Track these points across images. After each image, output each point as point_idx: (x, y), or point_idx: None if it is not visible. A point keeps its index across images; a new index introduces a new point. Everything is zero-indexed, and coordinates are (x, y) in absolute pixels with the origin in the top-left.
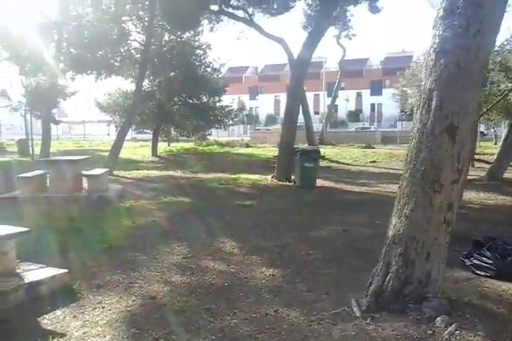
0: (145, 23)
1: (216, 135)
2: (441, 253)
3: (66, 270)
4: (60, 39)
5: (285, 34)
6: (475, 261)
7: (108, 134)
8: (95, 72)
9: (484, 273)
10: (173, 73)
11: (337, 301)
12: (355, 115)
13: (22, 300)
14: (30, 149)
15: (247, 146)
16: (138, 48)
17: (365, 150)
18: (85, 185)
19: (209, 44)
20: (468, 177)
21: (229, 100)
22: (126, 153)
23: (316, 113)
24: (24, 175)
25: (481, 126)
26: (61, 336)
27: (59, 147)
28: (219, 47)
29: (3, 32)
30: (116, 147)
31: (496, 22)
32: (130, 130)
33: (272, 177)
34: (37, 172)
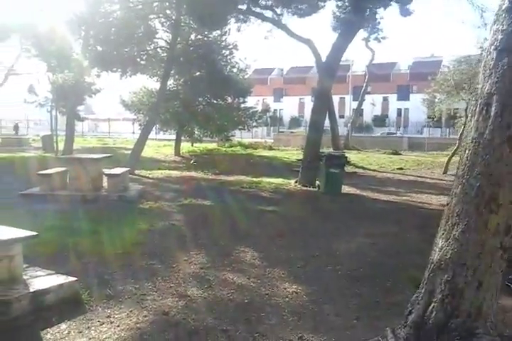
0: (172, 22)
1: (239, 136)
2: (495, 282)
3: (75, 278)
4: (87, 36)
5: (312, 35)
6: None
7: (133, 132)
8: (120, 70)
9: None
10: (198, 73)
11: (369, 329)
12: (380, 120)
13: (26, 310)
14: (54, 145)
15: (271, 149)
16: (164, 47)
17: (391, 156)
18: (105, 184)
19: (235, 44)
20: None
21: (253, 101)
22: (149, 152)
23: (341, 117)
24: (44, 172)
25: None
26: None
27: (83, 143)
28: (245, 47)
29: (31, 28)
30: (138, 146)
31: None
32: (154, 129)
33: (296, 182)
34: (57, 169)
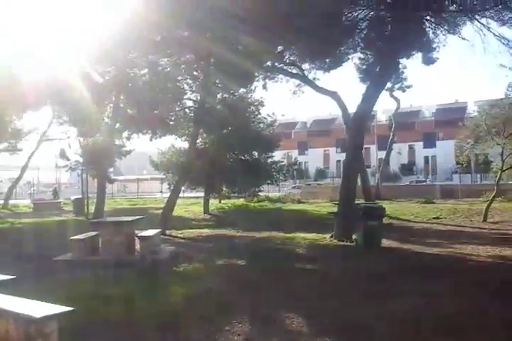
0: (199, 82)
1: (266, 190)
2: None
3: None
4: (117, 100)
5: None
6: None
7: (161, 191)
8: (150, 132)
9: None
10: (226, 130)
11: None
12: (408, 168)
13: None
14: (85, 208)
15: (299, 202)
16: (192, 107)
17: (425, 205)
18: (138, 246)
19: (262, 101)
20: None
21: (279, 155)
22: (178, 211)
23: (367, 166)
24: (76, 238)
25: None
26: None
27: (114, 205)
28: (270, 101)
29: (63, 96)
30: (169, 206)
31: None
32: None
33: (331, 236)
34: (89, 233)
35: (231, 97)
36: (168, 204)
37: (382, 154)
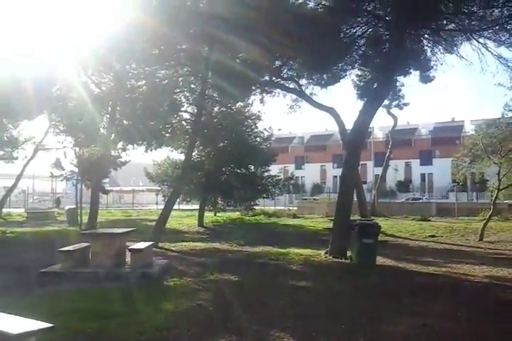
0: (196, 95)
1: (262, 204)
2: None
3: None
4: (114, 110)
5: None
6: None
7: (156, 203)
8: (146, 143)
9: None
10: (222, 144)
11: None
12: (404, 185)
13: None
14: (79, 219)
15: (295, 217)
16: (189, 119)
17: (421, 222)
18: (129, 259)
19: (259, 115)
20: None
21: (275, 170)
22: (172, 223)
23: (364, 183)
24: (65, 249)
25: None
26: None
27: (108, 216)
28: (267, 116)
29: (60, 105)
30: (162, 218)
31: None
32: (178, 199)
33: (326, 252)
34: (79, 245)
35: (228, 111)
36: (161, 216)
37: (378, 170)
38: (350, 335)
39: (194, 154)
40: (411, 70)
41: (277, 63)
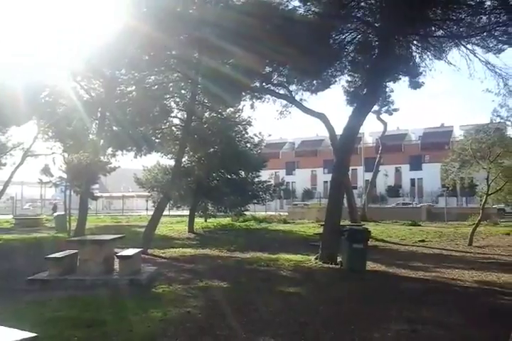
0: (187, 101)
1: (253, 209)
2: None
3: None
4: (103, 116)
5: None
6: None
7: (146, 209)
8: (135, 149)
9: None
10: (212, 149)
11: None
12: (394, 190)
13: None
14: (67, 225)
15: (285, 222)
16: (179, 125)
17: (411, 227)
18: (117, 266)
19: (249, 121)
20: None
21: (266, 175)
22: (162, 229)
23: (354, 188)
24: (52, 256)
25: None
26: None
27: (97, 222)
28: (257, 121)
29: (49, 111)
30: (151, 224)
31: None
32: (167, 205)
33: (316, 258)
34: (67, 252)
35: (218, 116)
36: (151, 222)
37: (368, 176)
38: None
39: (184, 160)
40: (400, 76)
41: (267, 69)
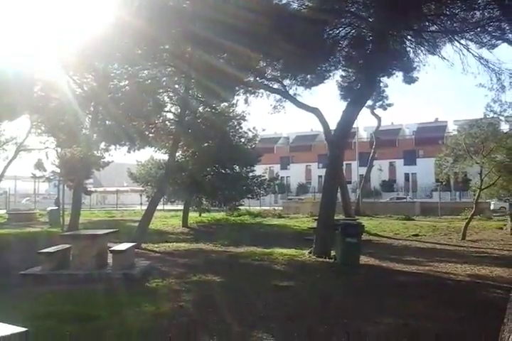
0: (180, 95)
1: (247, 204)
2: None
3: None
4: (96, 111)
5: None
6: None
7: (140, 204)
8: (128, 143)
9: None
10: (206, 144)
11: None
12: (388, 185)
13: None
14: (61, 220)
15: (280, 217)
16: (172, 119)
17: (405, 222)
18: (110, 260)
19: (243, 115)
20: None
21: (260, 170)
22: (156, 224)
23: (348, 182)
24: (45, 251)
25: None
26: None
27: (91, 217)
28: (251, 116)
29: (42, 105)
30: (145, 219)
31: None
32: (161, 199)
33: (310, 252)
34: (60, 246)
35: (212, 111)
36: (145, 216)
37: (363, 170)
38: (332, 336)
39: (178, 154)
40: (394, 71)
41: (261, 63)
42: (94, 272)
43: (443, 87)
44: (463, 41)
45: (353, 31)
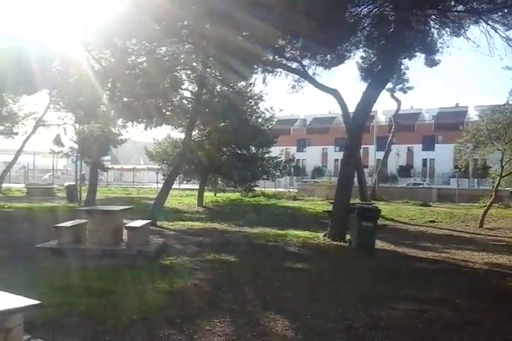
0: (198, 73)
1: (263, 185)
2: None
3: None
4: (114, 87)
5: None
6: None
7: (157, 182)
8: (146, 121)
9: None
10: (223, 123)
11: None
12: (406, 170)
13: None
14: (78, 195)
15: (295, 199)
16: (189, 98)
17: (421, 208)
18: (125, 237)
19: (261, 95)
20: None
21: (277, 152)
22: (172, 202)
23: (365, 166)
24: (62, 225)
25: None
26: None
27: (108, 193)
28: (269, 96)
29: (60, 80)
30: (161, 197)
31: None
32: (177, 178)
33: (324, 235)
34: (76, 221)
35: (230, 90)
36: (160, 195)
37: (380, 155)
38: (345, 320)
39: (194, 133)
40: (416, 53)
41: (281, 42)
42: (109, 248)
43: (465, 72)
44: (490, 22)
45: (376, 10)
